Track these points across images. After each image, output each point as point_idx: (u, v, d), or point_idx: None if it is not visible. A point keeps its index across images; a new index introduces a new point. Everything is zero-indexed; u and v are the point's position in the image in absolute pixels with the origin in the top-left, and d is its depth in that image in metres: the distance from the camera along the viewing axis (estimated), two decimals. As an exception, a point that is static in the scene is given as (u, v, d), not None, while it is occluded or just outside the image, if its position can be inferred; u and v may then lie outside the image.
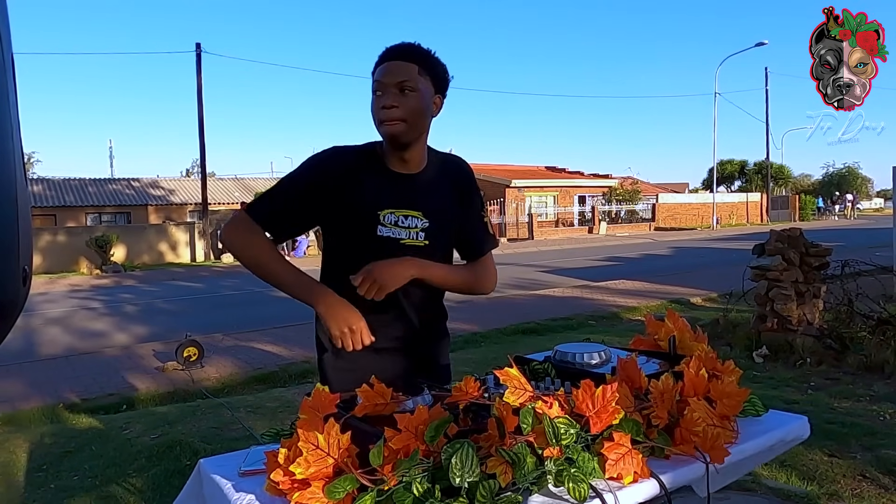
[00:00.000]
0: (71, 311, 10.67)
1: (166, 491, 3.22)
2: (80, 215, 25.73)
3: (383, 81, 1.51)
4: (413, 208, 1.60)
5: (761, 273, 5.70)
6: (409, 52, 1.54)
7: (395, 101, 1.50)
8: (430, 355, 1.71)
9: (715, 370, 1.37)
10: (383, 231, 1.57)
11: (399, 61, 1.52)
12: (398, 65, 1.52)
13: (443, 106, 1.62)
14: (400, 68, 1.51)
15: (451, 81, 1.62)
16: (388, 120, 1.50)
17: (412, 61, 1.52)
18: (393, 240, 1.58)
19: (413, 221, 1.60)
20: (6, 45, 0.74)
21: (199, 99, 21.34)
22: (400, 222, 1.58)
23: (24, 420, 4.79)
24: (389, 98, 1.50)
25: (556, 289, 11.05)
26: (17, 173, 0.74)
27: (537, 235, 27.51)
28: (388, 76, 1.51)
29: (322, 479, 1.02)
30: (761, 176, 40.75)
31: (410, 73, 1.51)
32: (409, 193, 1.60)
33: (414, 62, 1.52)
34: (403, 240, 1.59)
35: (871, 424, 3.72)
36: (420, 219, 1.60)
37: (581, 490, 1.05)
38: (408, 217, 1.59)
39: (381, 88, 1.51)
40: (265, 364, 6.24)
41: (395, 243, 1.58)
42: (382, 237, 1.57)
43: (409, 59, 1.52)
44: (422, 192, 1.61)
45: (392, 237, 1.58)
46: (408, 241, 1.59)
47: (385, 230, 1.57)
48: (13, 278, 0.74)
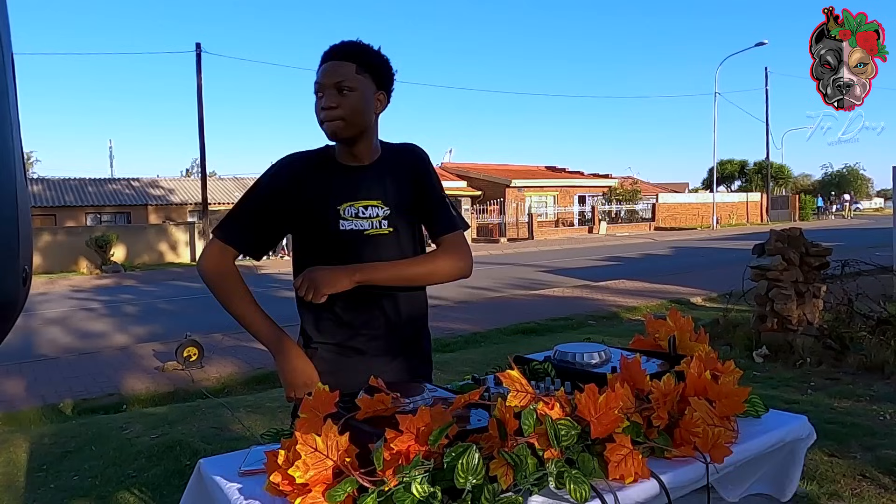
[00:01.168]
0: (71, 312, 10.67)
1: (166, 491, 3.22)
2: (79, 215, 25.71)
3: (322, 83, 1.55)
4: (371, 198, 1.61)
5: (761, 273, 5.70)
6: (346, 52, 1.56)
7: (334, 102, 1.53)
8: (412, 352, 1.71)
9: (715, 370, 1.37)
10: (345, 225, 1.58)
11: (337, 61, 1.55)
12: (336, 65, 1.55)
13: (389, 101, 1.64)
14: (337, 68, 1.54)
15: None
16: (328, 120, 1.54)
17: (350, 60, 1.55)
18: (356, 231, 1.59)
19: (374, 211, 1.61)
20: (6, 45, 0.73)
21: (199, 99, 21.34)
22: (360, 213, 1.59)
23: (24, 420, 4.79)
24: (328, 99, 1.54)
25: (556, 289, 11.05)
26: (18, 173, 0.74)
27: (537, 235, 27.51)
28: (326, 77, 1.54)
29: (322, 484, 1.02)
30: (761, 176, 40.77)
31: (348, 72, 1.54)
32: (366, 184, 1.61)
33: (352, 61, 1.55)
34: (367, 230, 1.60)
35: (871, 424, 3.72)
36: (380, 207, 1.61)
37: (582, 491, 1.05)
38: (368, 207, 1.60)
39: (321, 90, 1.55)
40: (265, 364, 6.23)
41: (360, 235, 1.59)
42: (345, 230, 1.58)
43: (347, 58, 1.55)
44: (378, 181, 1.63)
45: (355, 229, 1.59)
46: (371, 232, 1.60)
47: (347, 223, 1.59)
48: (13, 278, 0.74)
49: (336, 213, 1.58)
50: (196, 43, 21.70)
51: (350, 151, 1.61)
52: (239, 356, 6.57)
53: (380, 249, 1.61)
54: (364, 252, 1.59)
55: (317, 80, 1.56)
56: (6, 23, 0.75)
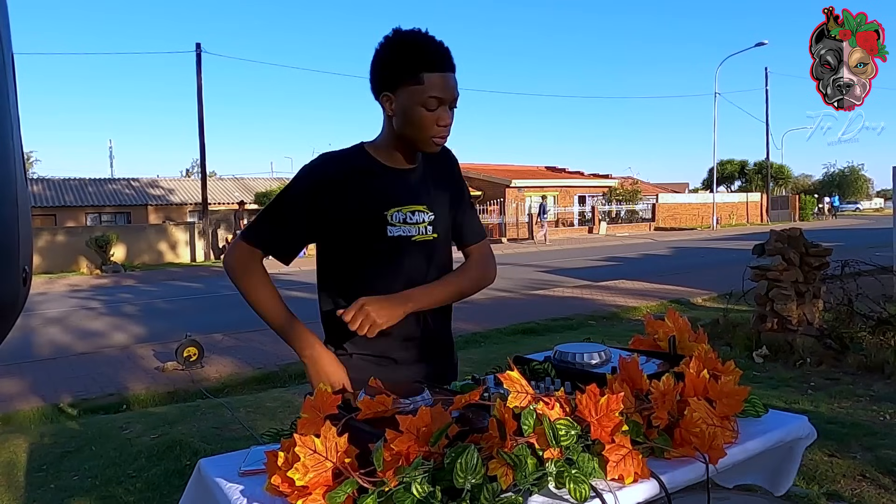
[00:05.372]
0: (70, 311, 10.66)
1: (166, 491, 3.22)
2: (79, 215, 25.70)
3: (443, 98, 1.45)
4: (417, 202, 1.55)
5: (761, 273, 5.70)
6: (454, 63, 1.48)
7: (450, 119, 1.47)
8: (442, 358, 1.68)
9: (715, 370, 1.37)
10: (393, 231, 1.52)
11: (453, 73, 1.47)
12: (454, 79, 1.46)
13: None
14: (455, 83, 1.46)
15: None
16: (443, 136, 1.47)
17: (455, 71, 1.48)
18: (404, 238, 1.53)
19: (420, 216, 1.55)
20: (6, 45, 0.73)
21: (199, 99, 21.32)
22: (408, 219, 1.53)
23: (24, 420, 4.79)
24: (447, 115, 1.46)
25: (556, 289, 11.04)
26: (18, 173, 0.74)
27: (537, 235, 27.50)
28: (450, 92, 1.45)
29: (322, 486, 1.02)
30: (761, 176, 40.75)
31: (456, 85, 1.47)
32: (411, 188, 1.55)
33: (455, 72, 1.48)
34: (414, 237, 1.54)
35: (871, 424, 3.72)
36: (426, 212, 1.56)
37: (582, 491, 1.05)
38: (415, 213, 1.54)
39: (440, 104, 1.45)
40: (265, 364, 6.24)
41: (407, 241, 1.53)
42: (393, 237, 1.52)
43: (455, 69, 1.48)
44: (422, 185, 1.57)
45: (403, 236, 1.53)
46: (419, 238, 1.55)
47: (395, 230, 1.52)
48: (13, 279, 0.74)
49: (384, 219, 1.51)
50: (196, 43, 21.72)
51: (398, 154, 1.53)
52: (239, 356, 6.56)
53: (425, 256, 1.57)
54: (410, 259, 1.54)
55: (437, 95, 1.43)
56: (6, 23, 0.75)
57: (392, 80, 1.46)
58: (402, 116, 1.47)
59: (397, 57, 1.45)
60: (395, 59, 1.45)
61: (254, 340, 7.24)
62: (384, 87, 1.48)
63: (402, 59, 1.44)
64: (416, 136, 1.48)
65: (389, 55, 1.47)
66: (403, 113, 1.46)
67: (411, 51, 1.44)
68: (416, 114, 1.44)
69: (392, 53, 1.46)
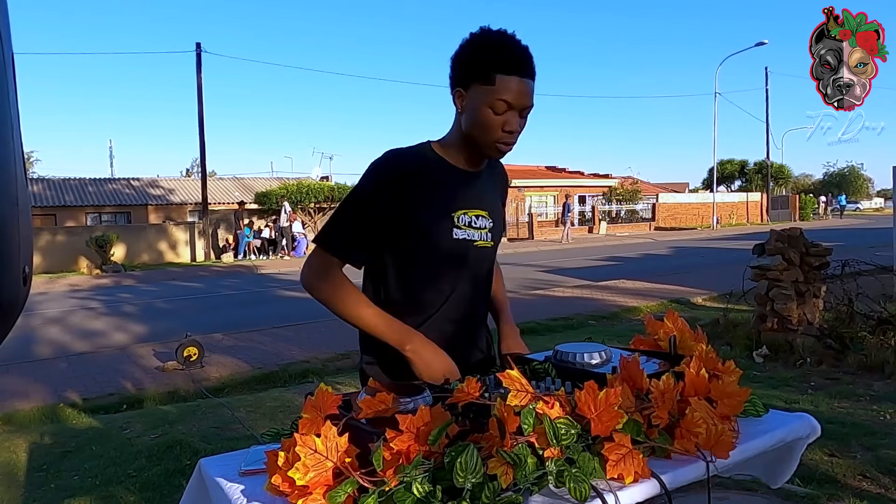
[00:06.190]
0: (70, 311, 10.67)
1: (166, 491, 3.22)
2: (79, 215, 25.69)
3: (513, 104, 1.40)
4: (481, 207, 1.54)
5: (761, 273, 5.70)
6: (534, 68, 1.43)
7: (519, 126, 1.44)
8: (483, 351, 1.76)
9: (715, 370, 1.37)
10: (458, 233, 1.49)
11: (531, 80, 1.42)
12: (529, 85, 1.41)
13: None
14: (530, 90, 1.41)
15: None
16: (509, 143, 1.44)
17: (534, 79, 1.43)
18: (467, 241, 1.51)
19: (483, 221, 1.54)
20: (6, 44, 0.73)
21: (199, 99, 21.34)
22: (472, 223, 1.52)
23: (24, 420, 4.79)
24: (515, 121, 1.42)
25: (556, 289, 11.04)
26: (18, 173, 0.73)
27: (537, 235, 27.51)
28: (522, 98, 1.41)
29: (323, 486, 1.02)
30: (761, 176, 40.76)
31: (533, 93, 1.43)
32: (476, 192, 1.54)
33: (534, 79, 1.43)
34: (476, 241, 1.53)
35: (871, 424, 3.72)
36: (487, 218, 1.55)
37: (582, 490, 1.05)
38: (478, 217, 1.53)
39: (510, 109, 1.41)
40: (265, 364, 6.24)
41: (470, 245, 1.52)
42: (457, 240, 1.50)
43: (534, 77, 1.43)
44: (485, 190, 1.56)
45: (467, 239, 1.51)
46: (480, 243, 1.54)
47: (460, 232, 1.50)
48: (13, 279, 0.74)
49: (451, 221, 1.48)
50: (196, 43, 21.74)
51: (465, 155, 1.51)
52: (239, 356, 6.57)
53: (483, 262, 1.57)
54: (469, 264, 1.53)
55: (506, 99, 1.39)
56: (6, 22, 0.74)
57: (465, 77, 1.44)
58: (470, 115, 1.44)
59: (473, 55, 1.43)
60: (471, 56, 1.43)
61: (254, 340, 7.24)
62: (458, 82, 1.46)
63: (477, 57, 1.41)
64: (480, 138, 1.45)
65: (467, 52, 1.44)
66: (471, 112, 1.44)
67: (487, 50, 1.41)
68: (482, 115, 1.42)
69: (469, 50, 1.44)
